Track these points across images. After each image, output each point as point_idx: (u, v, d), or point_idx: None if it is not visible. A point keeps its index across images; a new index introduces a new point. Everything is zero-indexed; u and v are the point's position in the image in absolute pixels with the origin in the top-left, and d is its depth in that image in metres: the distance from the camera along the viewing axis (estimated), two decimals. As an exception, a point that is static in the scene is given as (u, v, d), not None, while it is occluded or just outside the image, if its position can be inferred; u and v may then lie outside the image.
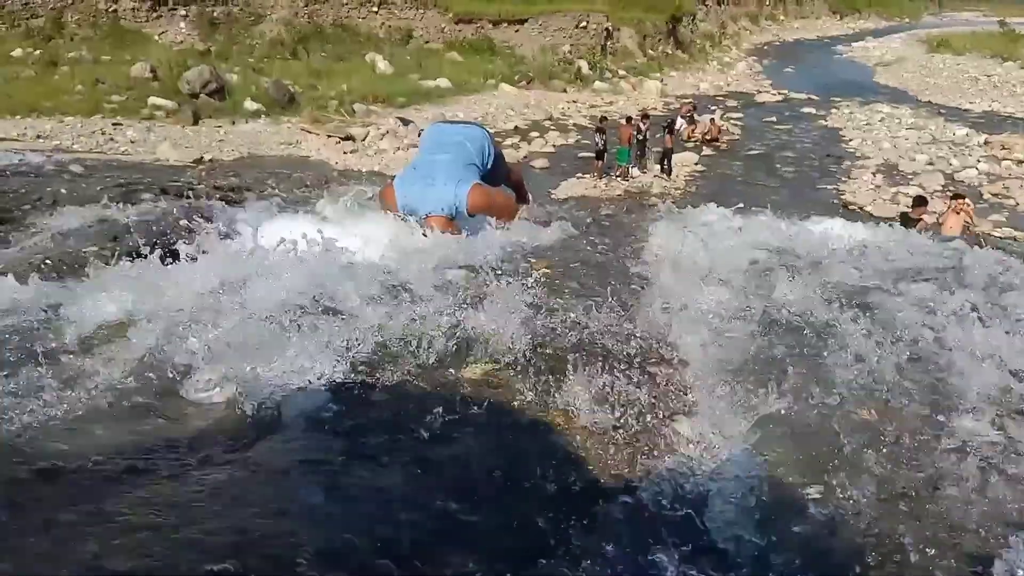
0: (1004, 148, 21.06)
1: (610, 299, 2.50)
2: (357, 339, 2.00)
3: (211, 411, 1.88)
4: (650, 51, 36.52)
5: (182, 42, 24.73)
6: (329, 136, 18.80)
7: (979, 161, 19.82)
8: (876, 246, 3.99)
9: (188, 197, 4.62)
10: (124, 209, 4.18)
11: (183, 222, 3.88)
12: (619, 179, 17.85)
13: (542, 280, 3.09)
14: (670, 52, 38.34)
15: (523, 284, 2.48)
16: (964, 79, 37.50)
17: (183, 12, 25.54)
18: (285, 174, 6.69)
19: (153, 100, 18.87)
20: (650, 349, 2.26)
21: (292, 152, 17.80)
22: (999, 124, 25.76)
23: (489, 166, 4.05)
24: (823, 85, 34.19)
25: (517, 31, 31.87)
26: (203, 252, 3.23)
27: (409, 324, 2.16)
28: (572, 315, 2.39)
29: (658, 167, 18.68)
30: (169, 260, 2.94)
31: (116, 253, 3.45)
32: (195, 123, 18.30)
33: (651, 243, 3.81)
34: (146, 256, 2.84)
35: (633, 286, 3.00)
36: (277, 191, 5.46)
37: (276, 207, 4.35)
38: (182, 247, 3.09)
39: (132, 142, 16.68)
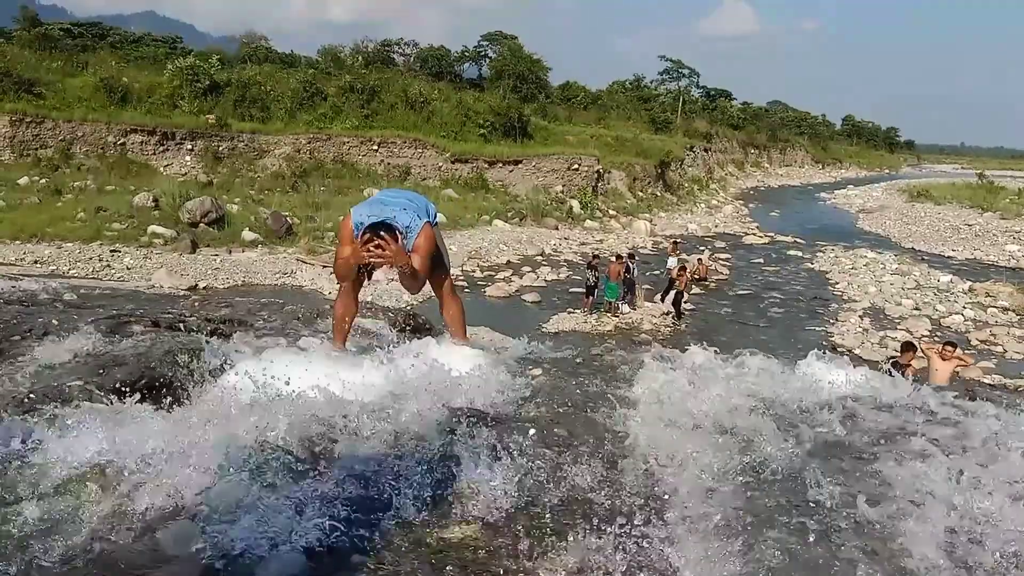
0: (989, 295, 21.48)
1: (597, 452, 2.46)
2: (334, 493, 1.95)
3: (184, 566, 1.81)
4: (639, 192, 37.83)
5: (186, 174, 25.57)
6: (324, 266, 19.06)
7: (965, 307, 20.13)
8: (868, 396, 3.99)
9: (179, 330, 4.62)
10: (113, 341, 4.18)
11: (172, 357, 3.88)
12: (608, 315, 18.01)
13: (528, 428, 3.07)
14: (659, 194, 39.72)
15: (509, 433, 2.46)
16: (945, 227, 38.71)
17: (189, 146, 26.55)
18: (277, 305, 6.71)
19: (153, 228, 19.27)
20: (636, 508, 2.21)
21: (287, 281, 18.02)
22: (982, 271, 26.40)
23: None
24: (808, 229, 35.27)
25: (511, 171, 33.09)
26: (186, 395, 3.22)
27: (391, 476, 2.12)
28: (558, 470, 2.35)
29: (656, 305, 18.91)
30: (153, 401, 2.92)
31: (101, 389, 3.43)
32: (193, 251, 18.61)
33: (640, 388, 3.78)
34: (131, 395, 2.81)
35: (620, 436, 2.96)
36: (267, 325, 5.48)
37: (264, 342, 4.34)
38: (165, 391, 3.07)
39: (128, 268, 16.89)
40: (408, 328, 5.78)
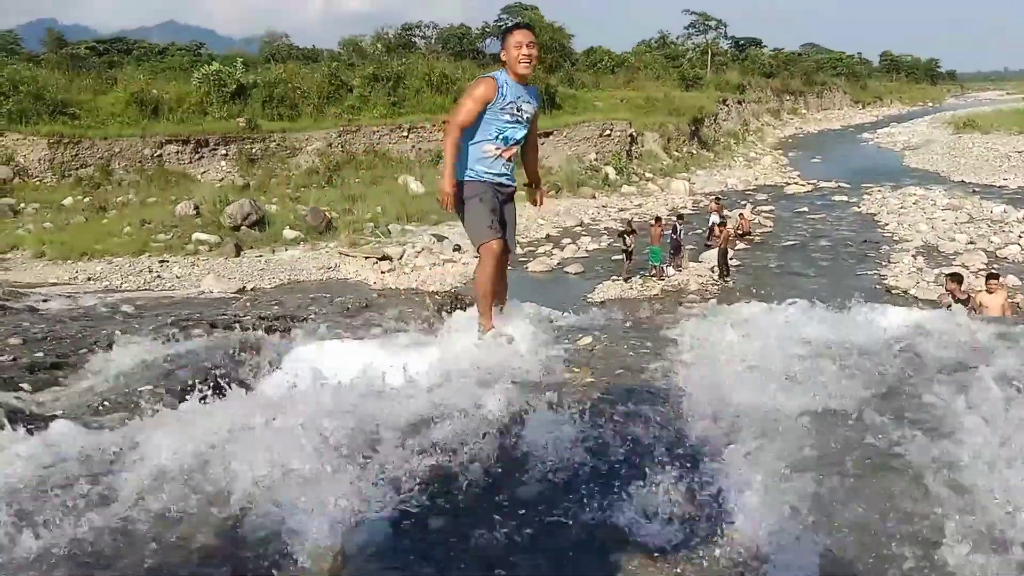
0: (1045, 221, 20.81)
1: (655, 410, 2.47)
2: (407, 471, 2.01)
3: (270, 545, 1.88)
4: (675, 152, 37.30)
5: (223, 179, 25.96)
6: (366, 257, 19.27)
7: (1021, 237, 19.52)
8: (924, 334, 3.90)
9: (234, 329, 4.73)
10: (175, 346, 4.31)
11: (232, 355, 3.98)
12: (654, 279, 17.87)
13: (585, 389, 3.08)
14: (695, 152, 39.11)
15: (567, 395, 2.48)
16: (995, 157, 37.47)
17: (223, 151, 26.93)
18: (325, 299, 6.84)
19: (197, 236, 19.64)
20: (701, 455, 2.22)
21: (331, 275, 18.24)
22: (1036, 198, 25.53)
23: None
24: (852, 172, 34.41)
25: (543, 143, 32.84)
26: (249, 388, 3.30)
27: (459, 447, 2.16)
28: (617, 427, 2.36)
29: (702, 264, 18.74)
30: (219, 396, 3.00)
31: (169, 392, 3.54)
32: (237, 255, 18.93)
33: (691, 344, 3.75)
34: (198, 395, 2.89)
35: (677, 392, 2.95)
36: (318, 318, 5.58)
37: (320, 335, 4.42)
38: (231, 385, 3.16)
39: (178, 277, 17.27)
40: (455, 309, 5.84)
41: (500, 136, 3.87)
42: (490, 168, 3.89)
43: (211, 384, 3.19)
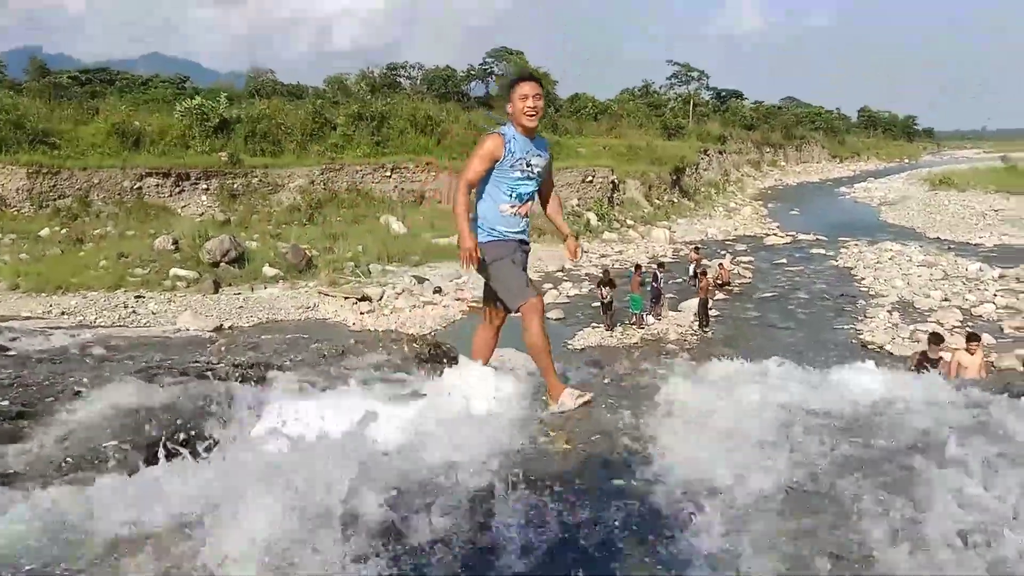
0: (1020, 281, 21.11)
1: (631, 480, 2.40)
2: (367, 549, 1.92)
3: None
4: (656, 200, 37.69)
5: (203, 214, 25.80)
6: (346, 297, 19.14)
7: (996, 295, 19.78)
8: (901, 399, 3.89)
9: (207, 377, 4.60)
10: (145, 396, 4.17)
11: (204, 407, 3.85)
12: (634, 327, 17.86)
13: (561, 458, 3.00)
14: (676, 200, 39.56)
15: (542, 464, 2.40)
16: (971, 214, 38.18)
17: (204, 186, 26.80)
18: (303, 343, 6.70)
19: (175, 271, 19.44)
20: (674, 537, 2.16)
21: (310, 315, 18.09)
22: (1013, 257, 25.89)
23: None
24: (830, 225, 34.91)
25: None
26: (219, 445, 3.18)
27: (424, 532, 2.08)
28: (591, 503, 2.30)
29: (681, 313, 18.75)
30: (187, 455, 2.89)
31: (137, 448, 3.41)
32: (215, 291, 18.74)
33: (669, 408, 3.69)
34: (167, 452, 2.78)
35: (655, 457, 2.90)
36: (293, 364, 5.45)
37: (294, 385, 4.30)
38: (198, 444, 3.04)
39: (154, 313, 17.04)
40: (432, 358, 5.74)
41: (514, 194, 3.86)
42: (510, 227, 3.89)
43: (180, 441, 3.06)
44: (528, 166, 3.85)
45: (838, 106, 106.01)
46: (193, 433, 3.42)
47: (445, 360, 5.86)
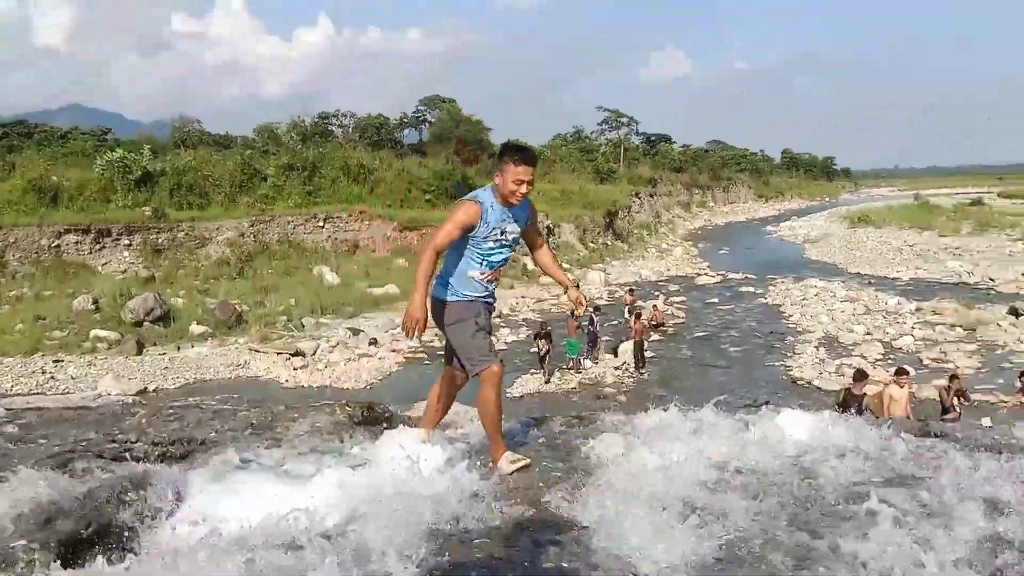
0: (936, 313, 21.95)
1: (559, 558, 2.32)
2: None
3: None
4: (591, 243, 38.19)
5: (126, 271, 24.91)
6: (279, 353, 18.65)
7: (914, 328, 20.50)
8: (825, 450, 3.96)
9: (126, 459, 4.35)
10: (57, 485, 3.89)
11: (120, 497, 3.58)
12: (572, 371, 17.86)
13: (491, 537, 2.92)
14: (610, 243, 40.16)
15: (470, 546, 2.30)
16: (888, 250, 39.77)
17: (127, 241, 25.96)
18: (228, 412, 6.45)
19: (95, 332, 18.66)
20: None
21: (240, 373, 17.54)
22: (927, 290, 27.03)
23: None
24: (757, 264, 35.88)
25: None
26: (134, 540, 2.99)
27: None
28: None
29: (610, 357, 18.84)
30: (100, 554, 2.72)
31: (46, 547, 3.17)
32: (139, 352, 18.03)
33: (603, 468, 3.66)
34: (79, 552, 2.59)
35: (585, 534, 2.85)
36: (220, 436, 5.21)
37: (218, 464, 4.09)
38: (115, 540, 2.87)
39: (73, 378, 16.26)
40: (367, 420, 5.58)
41: (485, 263, 3.79)
42: (478, 292, 3.81)
43: (96, 533, 2.94)
44: (502, 235, 3.79)
45: (762, 148, 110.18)
46: (109, 528, 3.19)
47: (380, 422, 5.72)
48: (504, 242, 3.81)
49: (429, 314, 3.71)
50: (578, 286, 4.30)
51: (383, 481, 3.41)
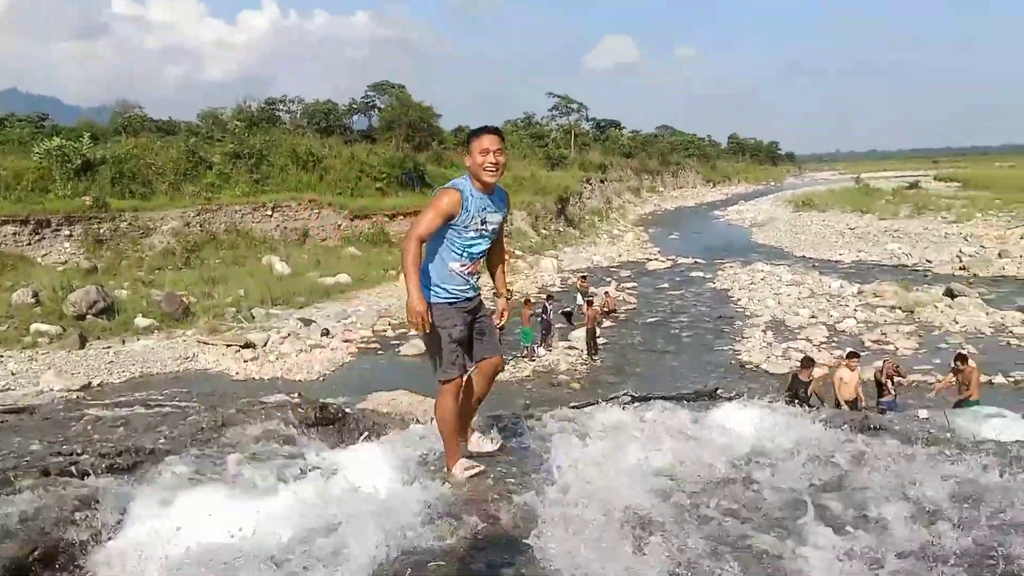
0: (876, 296, 22.63)
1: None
2: None
3: None
4: (543, 230, 38.31)
5: (67, 262, 24.15)
6: (228, 345, 18.35)
7: (856, 310, 21.11)
8: (771, 452, 4.09)
9: (72, 474, 4.23)
10: (1, 504, 3.79)
11: (67, 516, 3.48)
12: (526, 359, 17.97)
13: (444, 558, 2.91)
14: (562, 229, 40.34)
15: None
16: (831, 233, 40.80)
17: (67, 232, 25.18)
18: (178, 415, 6.32)
19: (36, 326, 18.08)
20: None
21: (189, 366, 17.22)
22: (868, 272, 27.87)
23: None
24: (706, 248, 36.49)
25: (413, 223, 32.88)
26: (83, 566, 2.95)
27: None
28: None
29: (562, 345, 18.99)
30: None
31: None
32: (82, 346, 17.54)
33: (552, 476, 3.66)
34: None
35: (535, 550, 2.87)
36: (168, 444, 5.10)
37: (165, 476, 4.02)
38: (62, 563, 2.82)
39: (13, 374, 15.76)
40: (320, 421, 5.54)
41: (465, 253, 3.73)
42: (457, 285, 3.75)
43: (42, 557, 2.91)
44: (483, 224, 3.74)
45: (709, 133, 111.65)
46: (58, 549, 3.12)
47: (333, 422, 5.69)
48: (484, 232, 3.77)
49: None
50: (509, 299, 4.30)
51: (335, 498, 3.39)
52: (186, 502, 3.36)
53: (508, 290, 4.22)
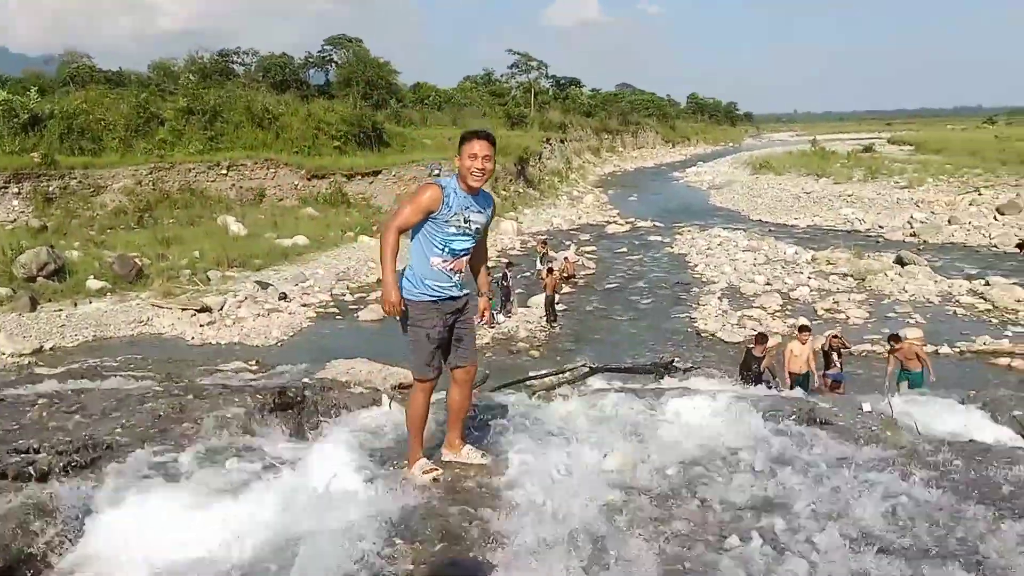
0: (829, 263, 23.09)
1: None
2: None
3: None
4: (503, 191, 38.10)
5: (15, 221, 23.49)
6: (183, 309, 18.09)
7: (809, 278, 21.51)
8: (721, 450, 4.26)
9: (31, 474, 4.19)
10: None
11: (25, 523, 3.45)
12: (485, 326, 18.05)
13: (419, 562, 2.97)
14: (521, 191, 40.21)
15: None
16: (787, 197, 41.26)
17: (15, 189, 24.40)
18: (136, 398, 6.21)
19: (-16, 289, 17.65)
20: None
21: (144, 331, 16.97)
22: (822, 238, 28.39)
23: None
24: (665, 211, 36.78)
25: (371, 183, 32.58)
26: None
27: None
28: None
29: (521, 312, 19.12)
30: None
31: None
32: (33, 309, 17.14)
33: (511, 486, 3.75)
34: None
35: (495, 564, 2.95)
36: (124, 433, 5.04)
37: (123, 477, 4.00)
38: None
39: (-39, 340, 15.40)
40: (279, 407, 5.56)
41: (446, 248, 3.76)
42: (439, 281, 3.78)
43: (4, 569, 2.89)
44: (465, 222, 3.78)
45: (668, 92, 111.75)
46: (18, 561, 3.11)
47: (293, 407, 5.70)
48: (467, 230, 3.80)
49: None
50: (491, 298, 4.38)
51: (295, 508, 3.41)
52: (142, 511, 3.34)
53: (490, 288, 4.31)
